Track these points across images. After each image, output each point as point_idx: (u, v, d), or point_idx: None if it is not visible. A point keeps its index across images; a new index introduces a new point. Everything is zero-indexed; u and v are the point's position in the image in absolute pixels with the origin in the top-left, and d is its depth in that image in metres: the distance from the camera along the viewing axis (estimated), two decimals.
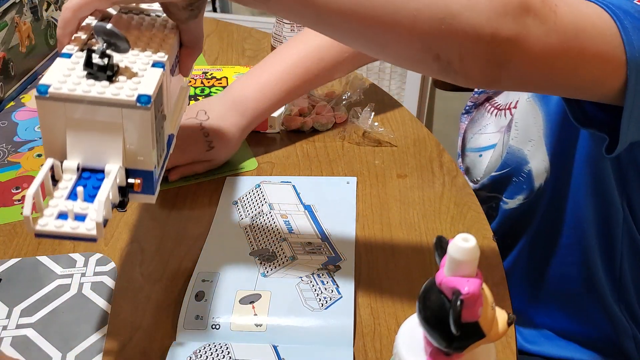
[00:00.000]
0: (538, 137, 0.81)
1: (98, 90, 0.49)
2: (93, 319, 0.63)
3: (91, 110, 0.49)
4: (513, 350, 0.59)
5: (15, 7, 0.98)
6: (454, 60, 0.51)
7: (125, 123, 0.50)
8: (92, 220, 0.47)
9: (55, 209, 0.48)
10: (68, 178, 0.50)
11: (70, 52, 0.53)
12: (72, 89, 0.49)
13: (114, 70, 0.50)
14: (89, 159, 0.51)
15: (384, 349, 0.60)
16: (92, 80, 0.50)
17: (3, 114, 0.96)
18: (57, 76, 0.50)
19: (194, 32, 0.60)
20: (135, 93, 0.49)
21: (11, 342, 0.61)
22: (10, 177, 0.83)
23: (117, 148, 0.50)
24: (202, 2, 0.57)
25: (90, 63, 0.50)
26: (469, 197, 0.78)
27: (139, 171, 0.52)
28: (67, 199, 0.49)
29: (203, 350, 0.58)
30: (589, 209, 0.79)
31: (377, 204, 0.77)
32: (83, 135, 0.50)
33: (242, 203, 0.76)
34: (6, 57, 0.97)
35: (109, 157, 0.51)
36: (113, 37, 0.50)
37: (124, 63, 0.52)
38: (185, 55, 0.61)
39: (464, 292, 0.39)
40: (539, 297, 0.86)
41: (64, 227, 0.47)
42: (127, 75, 0.51)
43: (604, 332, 0.83)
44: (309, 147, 0.87)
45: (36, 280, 0.67)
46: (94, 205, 0.48)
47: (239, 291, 0.64)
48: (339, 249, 0.69)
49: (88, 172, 0.51)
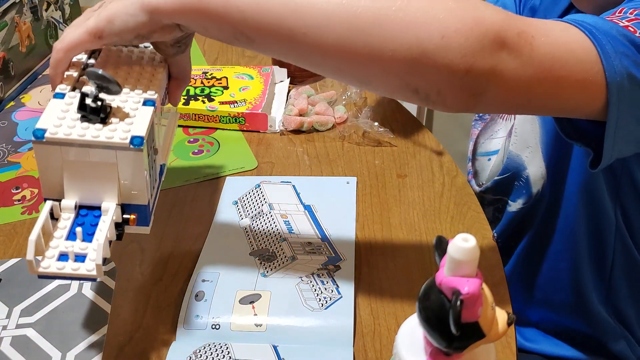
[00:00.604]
0: (535, 143, 0.81)
1: (92, 134, 0.51)
2: (93, 319, 0.63)
3: (86, 153, 0.51)
4: (513, 350, 0.59)
5: (15, 7, 0.98)
6: (431, 93, 0.53)
7: (119, 163, 0.52)
8: (92, 261, 0.49)
9: (56, 250, 0.49)
10: (66, 217, 0.52)
11: (64, 92, 0.55)
12: (67, 133, 0.51)
13: (106, 112, 0.52)
14: (86, 198, 0.53)
15: (384, 349, 0.60)
16: (86, 123, 0.51)
17: (3, 114, 0.96)
18: (52, 119, 0.52)
19: (182, 65, 0.62)
20: (128, 135, 0.51)
21: (11, 342, 0.61)
22: (10, 177, 0.83)
23: (113, 186, 0.52)
24: (189, 39, 0.59)
25: (83, 106, 0.51)
26: (469, 197, 0.78)
27: (134, 206, 0.54)
28: (67, 239, 0.50)
29: (203, 350, 0.58)
30: (581, 217, 0.79)
31: (377, 204, 0.77)
32: (79, 175, 0.52)
33: (242, 203, 0.76)
34: (6, 57, 0.97)
35: (105, 195, 0.53)
36: (105, 81, 0.51)
37: (116, 103, 0.54)
38: (174, 87, 0.63)
39: (464, 292, 0.39)
40: (534, 300, 0.87)
41: (65, 269, 0.49)
42: (119, 116, 0.53)
43: (593, 334, 0.84)
44: (309, 147, 0.87)
45: (36, 280, 0.67)
46: (92, 245, 0.50)
47: (239, 291, 0.64)
48: (339, 249, 0.69)
49: (85, 209, 0.53)
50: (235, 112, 0.90)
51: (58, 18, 1.10)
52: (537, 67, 0.53)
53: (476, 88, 0.52)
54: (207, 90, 0.94)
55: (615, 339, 0.84)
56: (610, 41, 0.55)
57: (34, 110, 0.96)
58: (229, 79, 0.97)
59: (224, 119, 0.90)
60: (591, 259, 0.81)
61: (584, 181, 0.77)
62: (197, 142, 0.89)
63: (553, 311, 0.86)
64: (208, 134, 0.90)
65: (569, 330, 0.86)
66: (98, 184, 0.52)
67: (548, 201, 0.83)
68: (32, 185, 0.81)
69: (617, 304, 0.83)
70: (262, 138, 0.89)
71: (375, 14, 0.50)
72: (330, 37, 0.51)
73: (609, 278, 0.81)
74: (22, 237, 0.73)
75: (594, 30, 0.55)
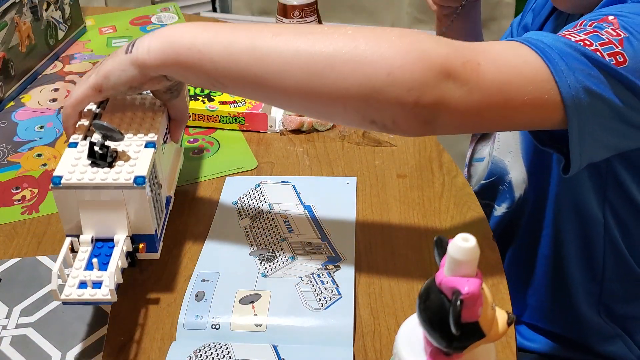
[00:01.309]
0: (516, 149, 0.83)
1: (101, 177, 0.59)
2: (93, 319, 0.63)
3: (97, 193, 0.59)
4: (513, 350, 0.59)
5: (15, 7, 0.98)
6: (388, 123, 0.57)
7: (126, 200, 0.60)
8: (107, 287, 0.56)
9: (76, 279, 0.57)
10: (84, 250, 0.60)
11: (76, 141, 0.63)
12: (80, 178, 0.59)
13: (113, 156, 0.60)
14: (101, 232, 0.61)
15: (384, 349, 0.60)
16: (96, 168, 0.60)
17: (3, 114, 0.96)
18: (66, 167, 0.60)
19: (178, 107, 0.69)
20: (132, 176, 0.59)
21: (11, 342, 0.61)
22: (10, 177, 0.83)
23: (123, 220, 0.60)
24: (179, 85, 0.67)
25: (93, 153, 0.60)
26: (468, 197, 0.78)
27: (143, 236, 0.62)
28: (85, 269, 0.58)
29: (203, 350, 0.58)
30: (567, 221, 0.80)
31: (377, 204, 0.77)
32: (93, 213, 0.60)
33: (242, 203, 0.76)
34: (6, 57, 0.97)
35: (116, 228, 0.61)
36: (109, 131, 0.59)
37: (121, 147, 0.62)
38: (174, 127, 0.71)
39: (464, 292, 0.39)
40: (527, 305, 0.87)
41: (84, 295, 0.56)
42: (124, 159, 0.61)
43: (586, 337, 0.85)
44: (309, 147, 0.87)
45: (36, 280, 0.67)
46: (107, 273, 0.57)
47: (239, 291, 0.64)
48: (339, 249, 0.69)
49: (101, 242, 0.61)
50: (235, 112, 0.90)
51: (58, 18, 1.10)
52: (485, 93, 0.55)
53: (427, 117, 0.55)
54: (207, 90, 0.94)
55: (610, 340, 0.84)
56: (563, 57, 0.56)
57: (34, 110, 0.96)
58: None
59: (223, 118, 0.90)
60: (581, 262, 0.81)
61: (567, 185, 0.77)
62: (197, 142, 0.89)
63: (545, 317, 0.86)
64: (208, 134, 0.90)
65: (560, 335, 0.86)
66: (110, 219, 0.60)
67: (532, 206, 0.83)
68: (32, 185, 0.81)
69: (611, 305, 0.83)
70: (262, 138, 0.89)
71: (328, 58, 0.55)
72: (291, 81, 0.56)
73: (601, 280, 0.81)
74: (22, 237, 0.73)
75: (547, 48, 0.57)
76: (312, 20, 0.96)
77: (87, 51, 1.12)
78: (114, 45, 1.14)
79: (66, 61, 1.09)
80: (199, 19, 1.24)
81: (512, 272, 0.86)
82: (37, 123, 0.93)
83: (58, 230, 0.74)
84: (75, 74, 1.05)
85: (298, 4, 0.94)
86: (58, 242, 0.72)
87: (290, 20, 0.95)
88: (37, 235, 0.73)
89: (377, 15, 1.87)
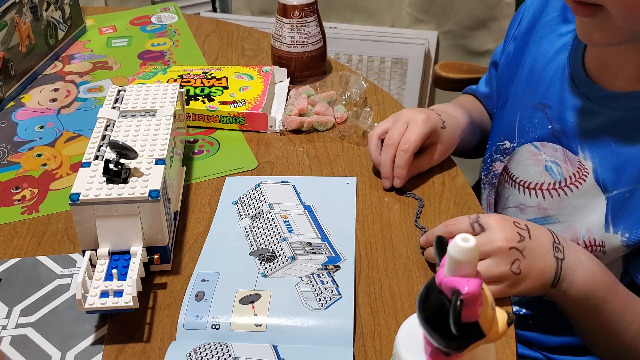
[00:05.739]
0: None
1: (117, 192, 0.62)
2: (93, 319, 0.63)
3: (114, 208, 0.63)
4: (513, 350, 0.59)
5: (15, 7, 0.98)
6: None
7: (141, 213, 0.63)
8: (129, 295, 0.59)
9: (98, 290, 0.60)
10: (102, 262, 0.63)
11: (89, 161, 0.67)
12: (97, 194, 0.62)
13: (127, 173, 0.64)
14: (117, 245, 0.64)
15: (384, 349, 0.60)
16: (111, 184, 0.63)
17: (3, 114, 0.96)
18: (82, 184, 0.63)
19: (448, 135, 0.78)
20: (146, 190, 0.63)
21: (11, 341, 0.61)
22: (10, 177, 0.83)
23: (138, 233, 0.64)
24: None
25: (107, 170, 0.63)
26: (468, 197, 0.78)
27: (156, 247, 0.65)
28: (105, 280, 0.61)
29: (203, 350, 0.58)
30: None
31: (377, 204, 0.77)
32: (110, 227, 0.63)
33: (242, 203, 0.76)
34: (6, 57, 0.97)
35: (132, 241, 0.64)
36: (124, 149, 0.63)
37: (133, 164, 0.66)
38: (439, 152, 0.80)
39: (464, 292, 0.39)
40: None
41: (107, 304, 0.59)
42: (137, 175, 0.65)
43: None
44: (309, 147, 0.87)
45: (36, 280, 0.67)
46: (127, 282, 0.60)
47: (239, 291, 0.64)
48: (339, 249, 0.69)
49: (117, 254, 0.64)
50: (235, 112, 0.90)
51: (58, 18, 1.10)
52: None
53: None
54: (207, 90, 0.94)
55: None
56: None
57: (34, 110, 0.96)
58: (229, 78, 0.97)
59: (224, 119, 0.90)
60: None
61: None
62: (197, 142, 0.89)
63: (548, 331, 0.86)
64: (208, 134, 0.90)
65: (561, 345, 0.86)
66: (126, 232, 0.63)
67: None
68: (32, 185, 0.81)
69: None
70: (262, 138, 0.89)
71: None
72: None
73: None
74: (22, 237, 0.73)
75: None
76: (312, 20, 0.96)
77: (87, 51, 1.13)
78: (114, 45, 1.14)
79: (66, 61, 1.09)
80: (199, 19, 1.24)
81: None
82: (37, 123, 0.93)
83: (58, 230, 0.74)
84: (75, 74, 1.05)
85: (298, 4, 0.94)
86: (58, 242, 0.72)
87: (290, 20, 0.95)
88: (37, 235, 0.74)
89: (377, 15, 1.87)
